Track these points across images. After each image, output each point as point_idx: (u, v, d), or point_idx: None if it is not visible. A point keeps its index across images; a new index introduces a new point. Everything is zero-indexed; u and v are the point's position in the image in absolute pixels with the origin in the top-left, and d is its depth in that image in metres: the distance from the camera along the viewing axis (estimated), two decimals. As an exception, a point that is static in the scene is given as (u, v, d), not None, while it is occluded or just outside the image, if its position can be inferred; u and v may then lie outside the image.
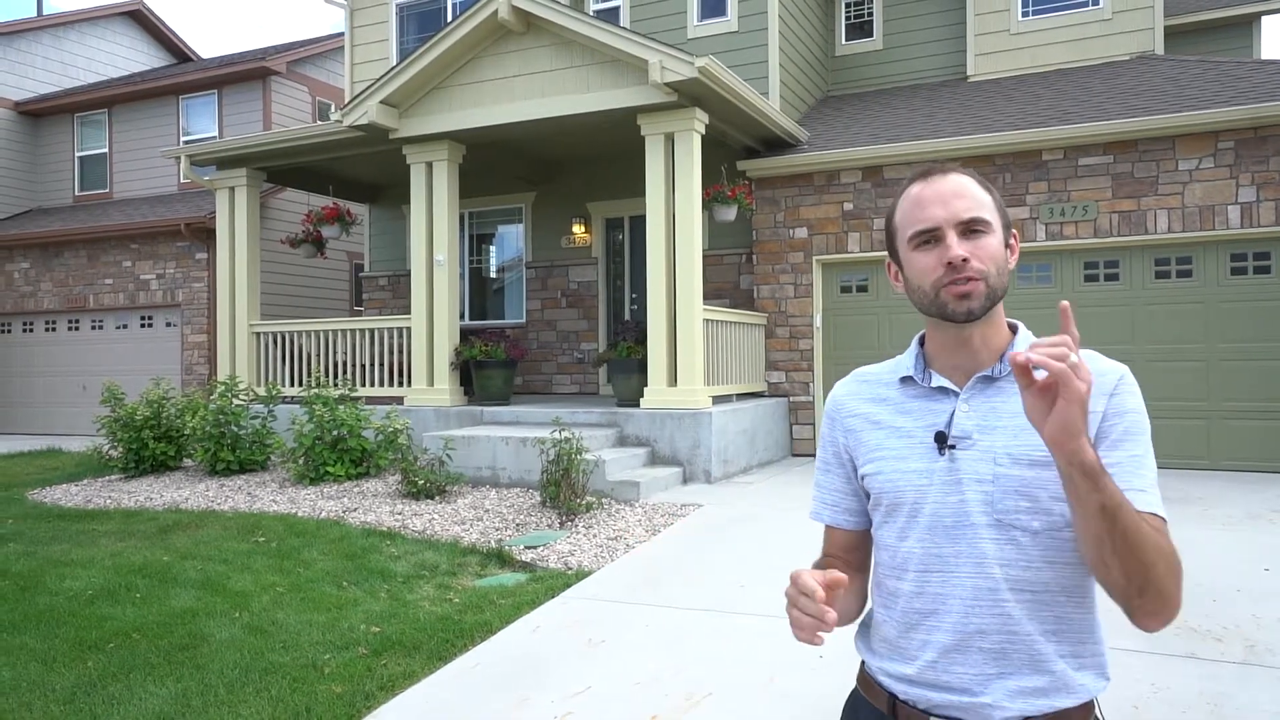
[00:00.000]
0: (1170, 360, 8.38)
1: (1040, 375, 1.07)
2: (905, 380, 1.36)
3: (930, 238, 1.28)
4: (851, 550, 1.44)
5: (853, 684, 1.44)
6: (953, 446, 1.26)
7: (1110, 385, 1.25)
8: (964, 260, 1.24)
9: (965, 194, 1.28)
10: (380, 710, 3.57)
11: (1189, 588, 4.82)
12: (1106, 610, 1.29)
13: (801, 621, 1.17)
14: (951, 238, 1.26)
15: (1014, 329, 1.34)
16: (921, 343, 1.38)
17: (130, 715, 3.53)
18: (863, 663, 1.39)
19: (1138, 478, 1.20)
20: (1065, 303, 1.11)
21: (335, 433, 8.14)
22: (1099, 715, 1.27)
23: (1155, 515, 1.17)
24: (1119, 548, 1.11)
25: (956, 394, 1.30)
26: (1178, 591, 1.15)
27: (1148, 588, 1.13)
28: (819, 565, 1.42)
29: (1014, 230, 1.33)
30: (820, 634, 1.16)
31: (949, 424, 1.28)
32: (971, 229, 1.26)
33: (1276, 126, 7.97)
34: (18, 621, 4.66)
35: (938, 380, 1.32)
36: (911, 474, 1.29)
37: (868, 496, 1.38)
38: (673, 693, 3.57)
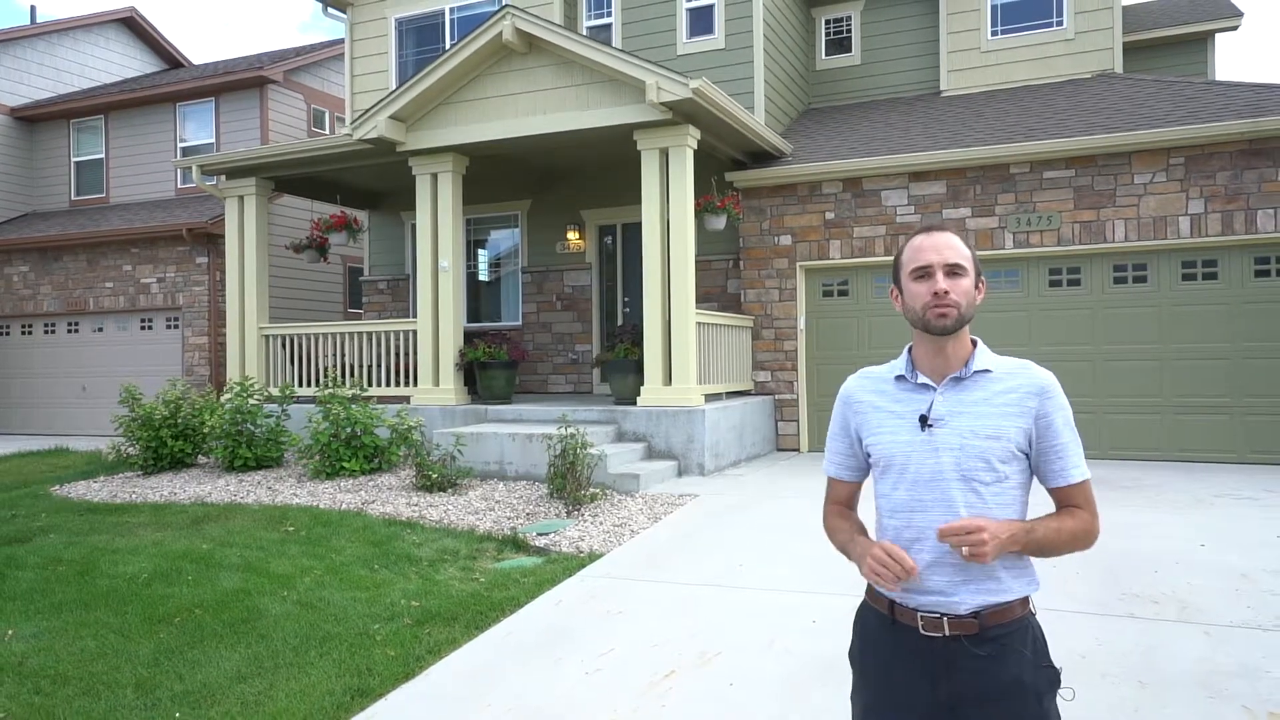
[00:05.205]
0: (1128, 360, 9.04)
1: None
2: (899, 378, 1.94)
3: (925, 273, 1.86)
4: (849, 496, 2.06)
5: (839, 646, 2.01)
6: (931, 425, 1.84)
7: (1039, 389, 1.84)
8: (945, 292, 1.83)
9: (953, 246, 1.87)
10: (431, 670, 4.08)
11: (1135, 562, 5.44)
12: (1061, 579, 1.93)
13: (886, 575, 1.75)
14: (939, 275, 1.84)
15: (974, 343, 1.91)
16: (910, 351, 1.94)
17: (212, 675, 4.02)
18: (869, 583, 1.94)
19: (1074, 457, 1.83)
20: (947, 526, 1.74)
21: (349, 430, 8.61)
22: (1033, 609, 1.85)
23: (1084, 481, 1.83)
24: (1045, 553, 1.82)
25: (934, 389, 1.87)
26: (1088, 544, 1.85)
27: (1069, 553, 1.86)
28: (827, 508, 2.06)
29: (982, 277, 1.94)
30: (901, 582, 1.75)
31: (929, 409, 1.85)
32: (953, 271, 1.85)
33: (1222, 145, 8.66)
34: (86, 600, 5.13)
35: (922, 379, 1.90)
36: (902, 444, 1.86)
37: (868, 458, 1.95)
38: (687, 652, 4.11)
